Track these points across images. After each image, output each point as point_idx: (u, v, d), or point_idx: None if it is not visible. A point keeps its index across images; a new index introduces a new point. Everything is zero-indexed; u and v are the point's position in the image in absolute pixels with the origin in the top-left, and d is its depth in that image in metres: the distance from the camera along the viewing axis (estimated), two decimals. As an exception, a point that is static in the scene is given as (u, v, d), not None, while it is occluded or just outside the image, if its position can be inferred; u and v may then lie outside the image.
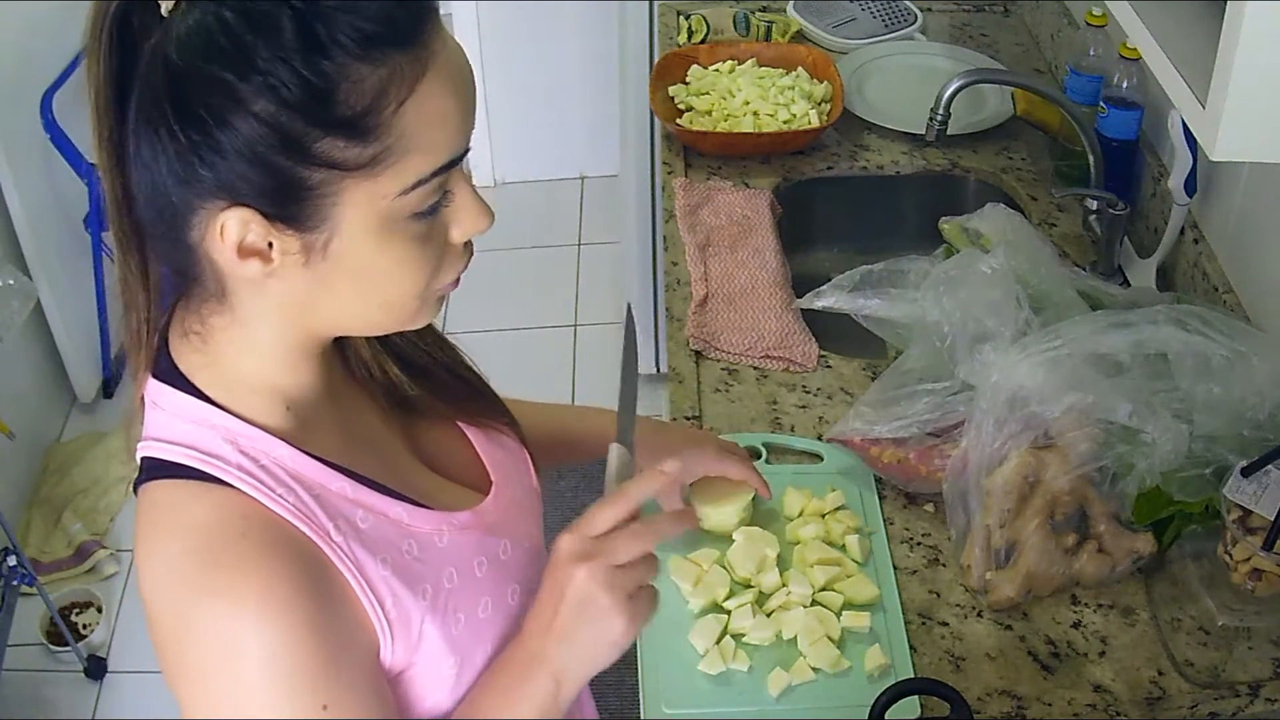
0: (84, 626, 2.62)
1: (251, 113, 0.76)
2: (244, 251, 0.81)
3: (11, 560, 2.41)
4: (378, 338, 1.00)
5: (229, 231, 0.80)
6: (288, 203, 0.79)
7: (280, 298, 0.85)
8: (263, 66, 0.75)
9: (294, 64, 0.75)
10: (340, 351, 0.99)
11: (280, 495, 0.86)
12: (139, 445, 0.89)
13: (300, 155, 0.77)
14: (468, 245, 0.88)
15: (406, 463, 1.00)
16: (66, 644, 2.52)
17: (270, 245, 0.81)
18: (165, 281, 0.88)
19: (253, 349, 0.88)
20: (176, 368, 0.89)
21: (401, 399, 1.03)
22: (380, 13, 0.77)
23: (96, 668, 2.56)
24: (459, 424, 1.06)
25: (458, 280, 0.90)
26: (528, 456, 1.11)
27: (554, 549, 0.93)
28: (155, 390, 0.89)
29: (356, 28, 0.76)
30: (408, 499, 0.94)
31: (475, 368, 1.09)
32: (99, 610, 2.64)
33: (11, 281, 2.49)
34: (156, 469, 0.87)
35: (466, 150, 0.84)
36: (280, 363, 0.89)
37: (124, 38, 0.79)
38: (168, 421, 0.88)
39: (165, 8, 0.77)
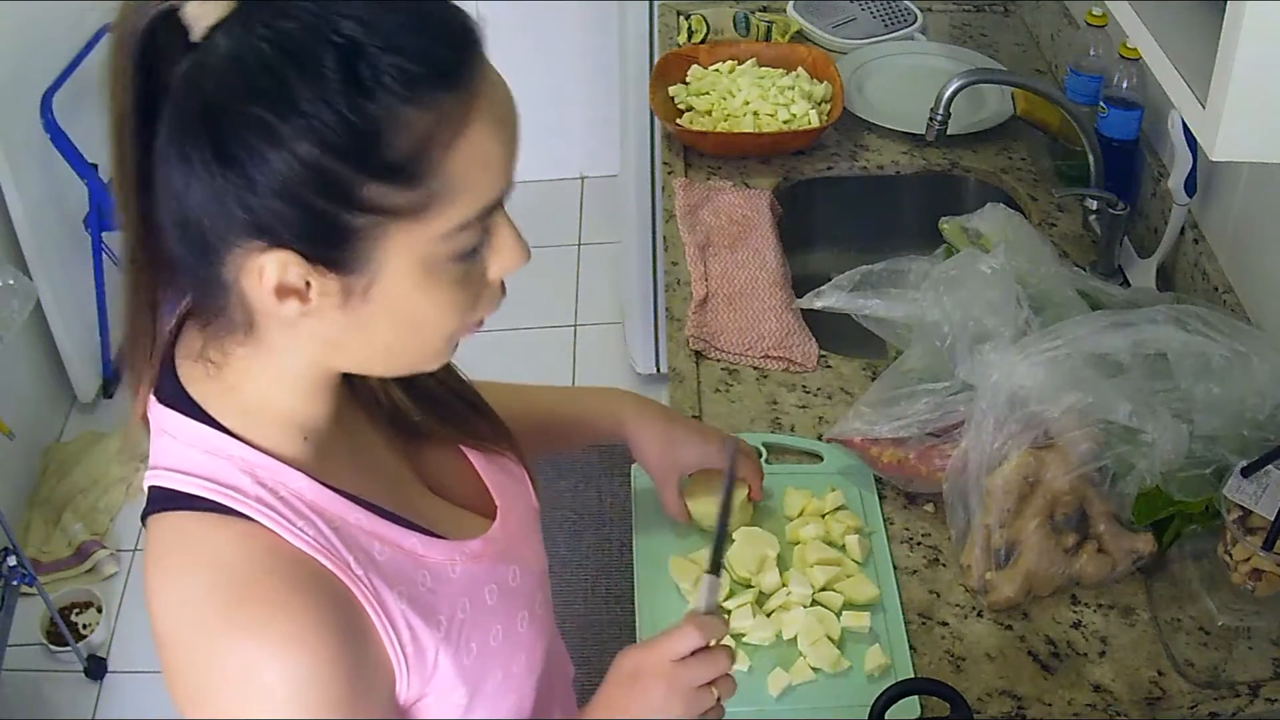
0: (84, 626, 2.62)
1: (294, 154, 0.72)
2: (282, 292, 0.78)
3: (11, 560, 2.41)
4: None
5: (268, 274, 0.77)
6: (330, 247, 0.76)
7: (312, 336, 0.82)
8: (305, 108, 0.72)
9: (338, 106, 0.72)
10: (346, 378, 0.97)
11: (300, 528, 0.84)
12: (147, 474, 0.86)
13: (344, 200, 0.74)
14: (502, 283, 0.86)
15: (414, 489, 0.99)
16: (66, 644, 2.52)
17: (308, 285, 0.78)
18: (169, 306, 0.86)
19: (275, 379, 0.85)
20: (185, 392, 0.86)
21: (404, 424, 1.01)
22: (425, 53, 0.74)
23: (96, 668, 2.56)
24: (461, 447, 1.06)
25: (481, 322, 0.87)
26: (528, 477, 1.10)
27: (638, 669, 0.99)
28: (164, 417, 0.86)
29: (401, 69, 0.73)
30: (420, 528, 0.93)
31: (476, 392, 1.08)
32: (99, 610, 2.64)
33: (11, 281, 2.48)
34: (168, 499, 0.84)
35: (510, 187, 0.81)
36: (301, 393, 0.87)
37: (147, 63, 0.75)
38: (180, 450, 0.85)
39: (196, 32, 0.73)
